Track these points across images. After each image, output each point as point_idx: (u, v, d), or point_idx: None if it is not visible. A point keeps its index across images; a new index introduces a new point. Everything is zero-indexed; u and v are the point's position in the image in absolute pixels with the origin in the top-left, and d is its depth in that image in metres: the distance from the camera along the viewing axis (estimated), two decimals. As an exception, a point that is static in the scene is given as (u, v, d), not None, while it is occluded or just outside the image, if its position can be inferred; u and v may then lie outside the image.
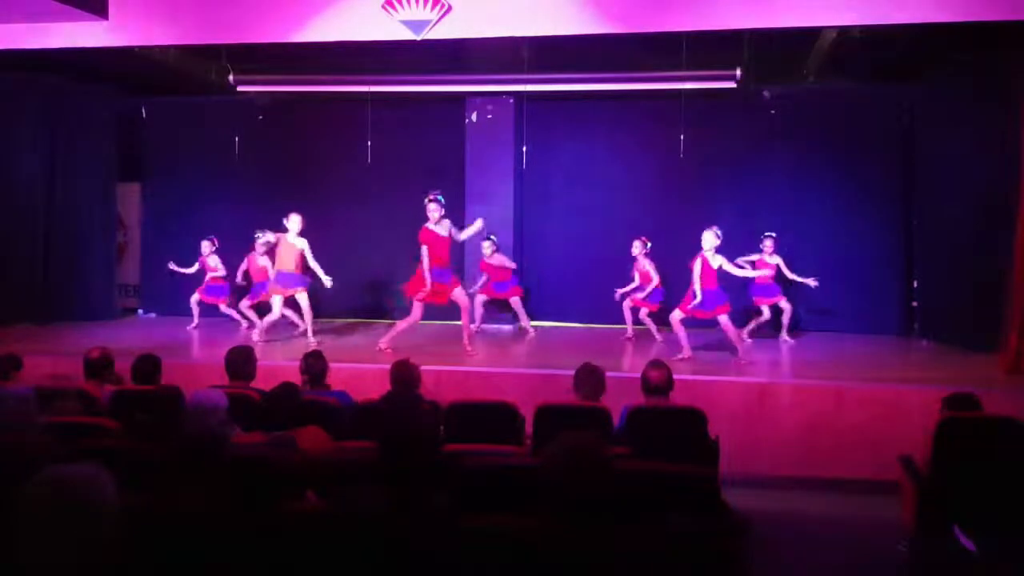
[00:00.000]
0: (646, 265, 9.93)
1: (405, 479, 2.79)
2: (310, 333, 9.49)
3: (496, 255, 10.41)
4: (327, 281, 9.28)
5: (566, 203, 11.57)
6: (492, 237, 10.39)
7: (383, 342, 8.79)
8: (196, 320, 10.82)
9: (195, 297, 10.83)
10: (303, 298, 9.52)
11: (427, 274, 8.51)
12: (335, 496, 2.92)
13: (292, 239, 9.51)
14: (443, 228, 8.66)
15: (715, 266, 8.58)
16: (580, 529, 2.58)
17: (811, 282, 9.77)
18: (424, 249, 8.54)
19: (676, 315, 8.67)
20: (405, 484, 2.78)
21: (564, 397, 5.36)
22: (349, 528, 2.64)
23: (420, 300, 8.62)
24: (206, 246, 10.81)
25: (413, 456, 2.87)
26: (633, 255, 10.01)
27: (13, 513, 2.33)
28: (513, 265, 10.58)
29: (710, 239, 8.60)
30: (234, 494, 2.81)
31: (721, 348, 8.89)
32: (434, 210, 8.61)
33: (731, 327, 8.62)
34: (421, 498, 2.77)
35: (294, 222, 9.52)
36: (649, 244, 10.04)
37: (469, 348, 8.81)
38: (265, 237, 9.82)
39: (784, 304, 9.94)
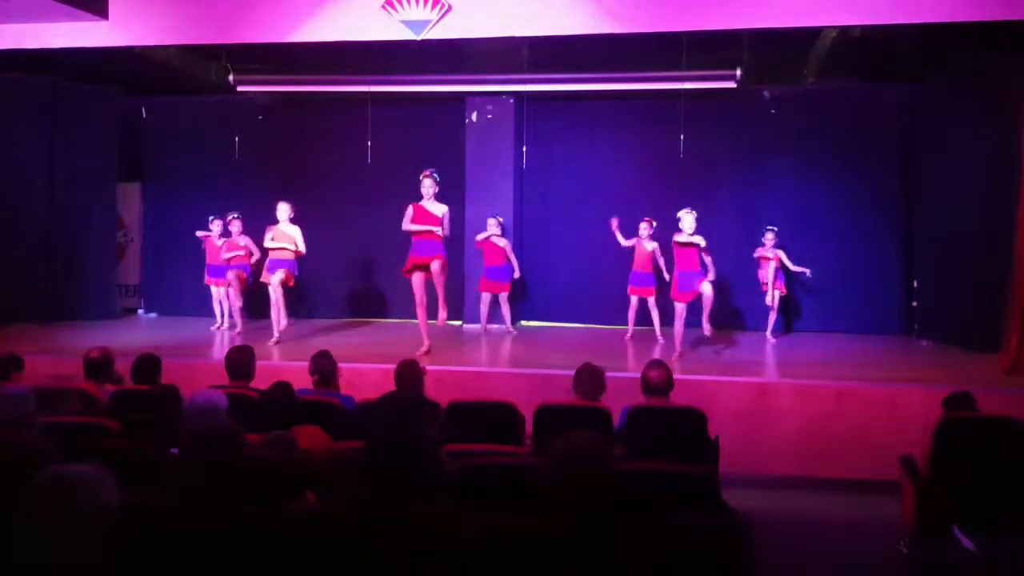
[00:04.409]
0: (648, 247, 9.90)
1: (397, 479, 2.78)
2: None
3: (502, 239, 10.47)
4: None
5: (566, 203, 11.56)
6: (499, 217, 10.56)
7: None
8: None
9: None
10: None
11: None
12: (331, 496, 2.91)
13: (284, 227, 9.57)
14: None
15: (702, 245, 8.45)
16: (580, 529, 2.58)
17: (807, 271, 10.03)
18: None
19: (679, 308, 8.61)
20: (398, 484, 2.77)
21: (564, 397, 5.36)
22: (348, 528, 2.63)
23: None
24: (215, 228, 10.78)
25: (399, 456, 2.84)
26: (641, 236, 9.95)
27: (13, 513, 2.33)
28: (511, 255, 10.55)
29: (691, 222, 8.45)
30: (236, 494, 2.81)
31: (717, 345, 8.88)
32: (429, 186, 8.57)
33: (711, 299, 8.46)
34: (416, 498, 2.76)
35: (283, 211, 9.56)
36: (655, 224, 9.94)
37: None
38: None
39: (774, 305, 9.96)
